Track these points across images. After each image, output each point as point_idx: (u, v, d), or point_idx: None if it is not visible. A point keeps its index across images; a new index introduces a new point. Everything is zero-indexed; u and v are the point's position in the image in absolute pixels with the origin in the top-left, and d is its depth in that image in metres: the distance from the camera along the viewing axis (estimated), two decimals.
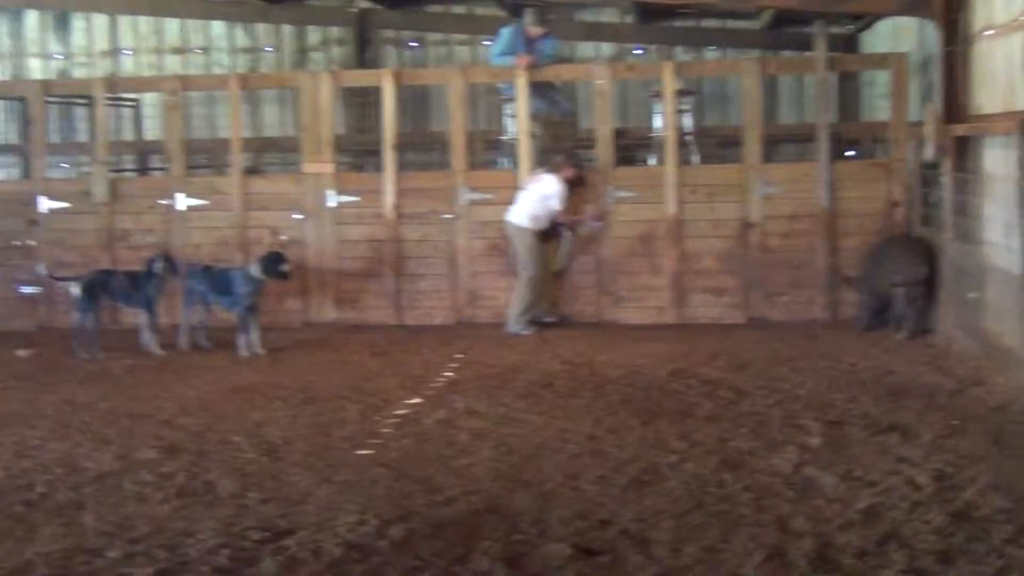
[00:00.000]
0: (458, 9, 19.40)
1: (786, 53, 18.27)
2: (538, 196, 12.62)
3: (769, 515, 6.34)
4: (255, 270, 11.80)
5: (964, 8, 11.14)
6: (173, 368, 11.13)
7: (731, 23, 19.13)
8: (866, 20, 16.96)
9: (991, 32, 10.45)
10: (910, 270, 11.56)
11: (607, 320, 13.17)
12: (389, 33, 19.59)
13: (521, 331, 12.52)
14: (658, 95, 13.94)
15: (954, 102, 11.33)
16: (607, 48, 19.25)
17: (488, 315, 13.24)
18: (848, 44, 18.25)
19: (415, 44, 19.50)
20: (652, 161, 14.09)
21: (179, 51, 19.93)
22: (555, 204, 12.56)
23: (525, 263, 12.65)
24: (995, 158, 10.37)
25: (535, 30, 13.82)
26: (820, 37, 13.12)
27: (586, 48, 19.31)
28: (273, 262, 11.88)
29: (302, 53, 19.73)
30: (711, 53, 19.08)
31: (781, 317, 12.92)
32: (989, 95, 10.64)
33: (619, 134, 14.29)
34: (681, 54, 19.01)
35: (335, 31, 19.65)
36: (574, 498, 6.75)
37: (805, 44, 13.95)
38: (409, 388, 9.94)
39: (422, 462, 7.56)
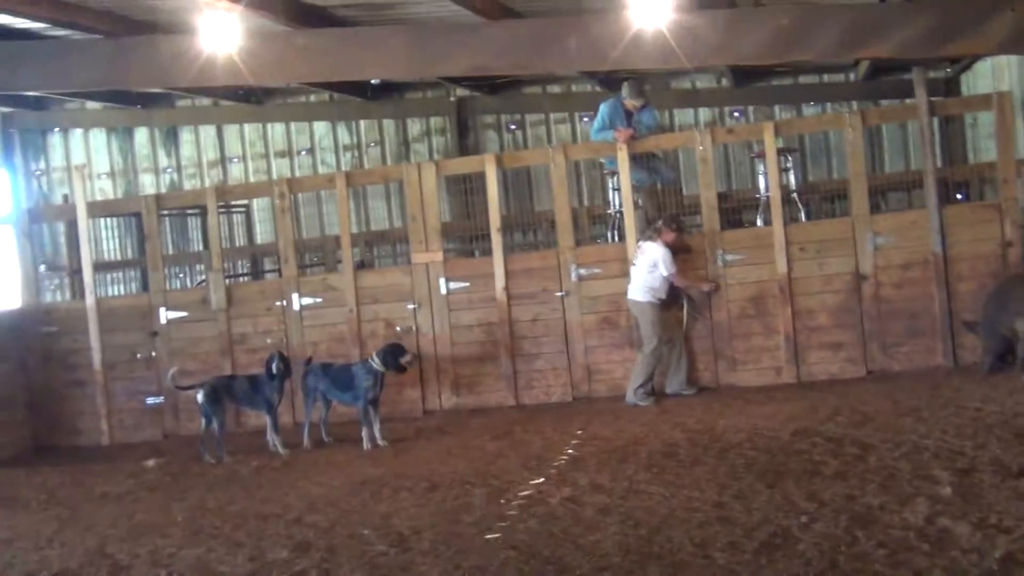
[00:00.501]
0: (555, 88, 19.64)
1: (885, 102, 18.20)
2: (647, 266, 12.63)
3: (905, 570, 6.25)
4: (376, 363, 11.93)
5: None
6: (298, 466, 11.27)
7: (828, 77, 19.13)
8: (965, 62, 16.83)
9: None
10: None
11: (725, 384, 13.07)
12: (488, 118, 19.90)
13: (640, 403, 12.49)
14: (760, 156, 13.93)
15: None
16: (705, 113, 19.32)
17: (605, 389, 13.24)
18: (948, 86, 18.15)
19: (514, 127, 19.75)
20: (759, 222, 14.03)
21: (285, 154, 20.41)
22: (665, 269, 12.56)
23: (647, 336, 12.64)
24: None
25: (633, 103, 13.90)
26: (920, 83, 13.03)
27: (685, 114, 19.41)
28: (393, 354, 12.01)
29: (404, 145, 20.11)
30: (810, 109, 19.03)
31: (901, 368, 12.73)
32: None
33: (723, 198, 14.29)
34: (780, 112, 19.00)
35: (436, 121, 20.02)
36: (705, 566, 6.71)
37: (904, 91, 13.89)
38: (532, 468, 9.93)
39: (550, 542, 7.55)
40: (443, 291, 13.65)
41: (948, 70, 18.05)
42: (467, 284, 13.66)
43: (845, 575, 6.30)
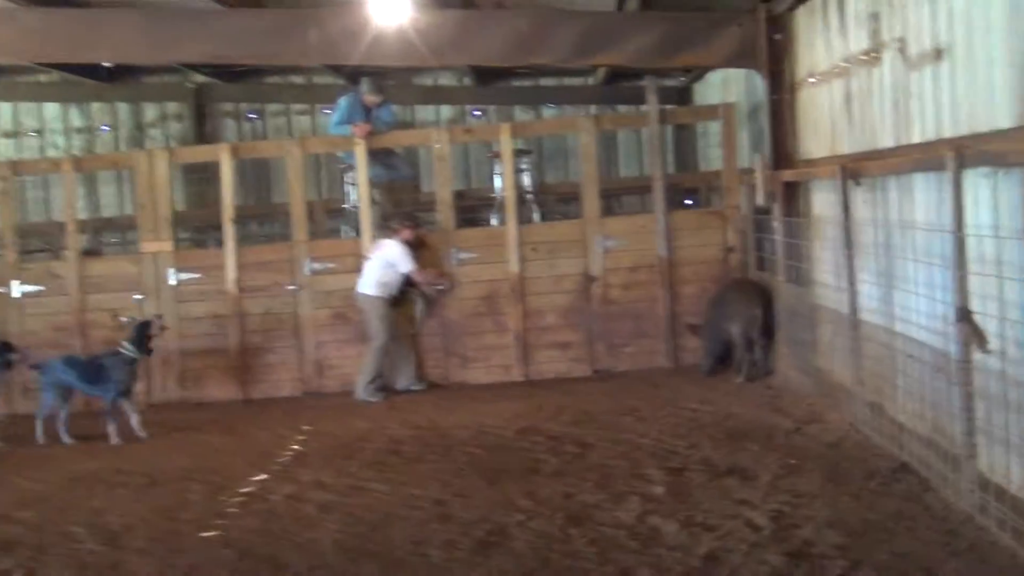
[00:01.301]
0: (297, 80, 19.38)
1: (622, 107, 18.64)
2: (382, 263, 12.60)
3: (613, 567, 6.40)
4: (129, 351, 11.37)
5: (788, 57, 11.47)
6: (12, 461, 10.73)
7: (567, 81, 19.46)
8: (697, 72, 17.36)
9: (814, 80, 10.76)
10: (746, 314, 11.80)
11: (455, 381, 13.16)
12: (227, 106, 19.50)
13: (370, 398, 12.45)
14: (497, 156, 14.06)
15: (782, 149, 11.64)
16: (447, 111, 19.41)
17: (335, 384, 13.14)
18: (682, 95, 18.71)
19: (254, 116, 19.42)
20: (494, 221, 14.16)
21: (12, 135, 19.52)
22: (403, 267, 12.56)
23: (375, 331, 12.60)
24: (822, 202, 10.64)
25: (372, 99, 13.84)
26: (652, 91, 13.38)
27: (427, 111, 19.46)
28: (141, 336, 11.37)
29: (139, 130, 19.50)
30: (549, 111, 19.34)
31: (625, 367, 13.07)
32: (815, 141, 10.94)
33: (460, 196, 14.37)
34: (520, 113, 19.25)
35: (172, 106, 19.47)
36: (420, 565, 6.74)
37: (641, 98, 14.20)
38: (256, 464, 9.77)
39: (268, 540, 7.47)
40: (172, 282, 13.29)
41: (682, 79, 18.60)
42: (198, 275, 13.34)
43: (556, 572, 6.41)
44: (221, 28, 12.51)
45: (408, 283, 12.81)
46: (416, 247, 12.83)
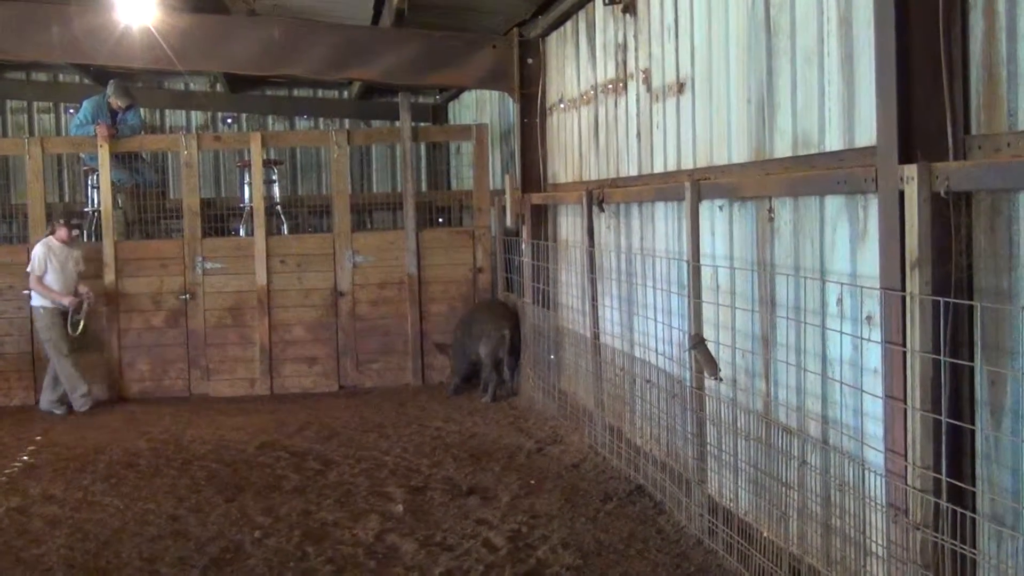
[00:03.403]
0: (40, 76, 18.65)
1: (377, 122, 18.60)
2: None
3: None
4: None
5: (540, 82, 11.65)
6: None
7: (322, 93, 19.28)
8: (453, 91, 17.48)
9: (564, 105, 10.96)
10: (494, 335, 11.91)
11: (198, 394, 12.89)
12: None
13: (55, 411, 12.01)
14: (247, 165, 13.84)
15: (532, 172, 11.84)
16: (199, 116, 19.00)
17: None
18: (436, 113, 18.79)
19: None
20: (242, 232, 13.94)
21: None
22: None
23: (44, 343, 12.15)
24: (568, 225, 10.85)
25: (118, 102, 13.46)
26: (404, 107, 13.42)
27: (177, 116, 19.00)
28: None
29: None
30: (303, 122, 19.15)
31: (373, 384, 13.04)
32: (563, 165, 11.14)
33: (209, 204, 14.09)
34: (274, 123, 18.99)
35: None
36: None
37: (396, 113, 14.20)
38: None
39: None
40: None
41: (437, 97, 18.70)
42: None
43: None
44: None
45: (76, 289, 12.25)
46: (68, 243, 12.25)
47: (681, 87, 7.66)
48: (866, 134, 5.15)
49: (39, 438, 10.87)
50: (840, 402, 5.49)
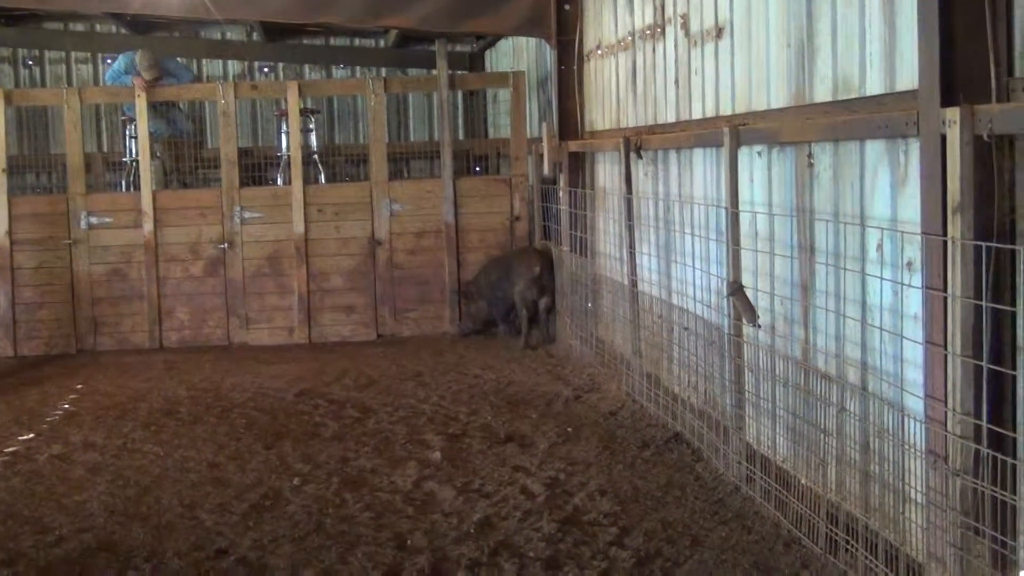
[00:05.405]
0: (78, 27, 18.66)
1: (413, 70, 18.52)
2: None
3: (388, 533, 6.39)
4: None
5: (577, 28, 11.55)
6: None
7: (359, 42, 19.21)
8: (489, 39, 17.37)
9: (602, 52, 10.88)
10: (528, 276, 11.90)
11: (236, 342, 12.96)
12: (4, 51, 18.65)
13: None
14: (284, 114, 13.84)
15: (569, 120, 11.75)
16: (235, 66, 18.98)
17: (111, 342, 12.80)
18: (473, 61, 18.68)
19: (32, 63, 18.64)
20: (279, 181, 13.95)
21: None
22: None
23: None
24: (606, 173, 10.80)
25: (147, 75, 13.24)
26: (441, 55, 13.36)
27: (214, 66, 18.98)
28: None
29: None
30: (340, 71, 19.10)
31: (410, 333, 13.05)
32: (601, 113, 11.07)
33: (246, 154, 14.11)
34: (310, 72, 18.95)
35: None
36: (191, 528, 6.61)
37: (432, 62, 14.15)
38: (23, 423, 9.44)
39: (32, 501, 7.23)
40: None
41: (474, 46, 18.59)
42: None
43: (330, 537, 6.36)
44: None
45: None
46: None
47: (719, 32, 7.58)
48: (907, 78, 5.08)
49: (80, 386, 10.96)
50: (879, 349, 5.46)
